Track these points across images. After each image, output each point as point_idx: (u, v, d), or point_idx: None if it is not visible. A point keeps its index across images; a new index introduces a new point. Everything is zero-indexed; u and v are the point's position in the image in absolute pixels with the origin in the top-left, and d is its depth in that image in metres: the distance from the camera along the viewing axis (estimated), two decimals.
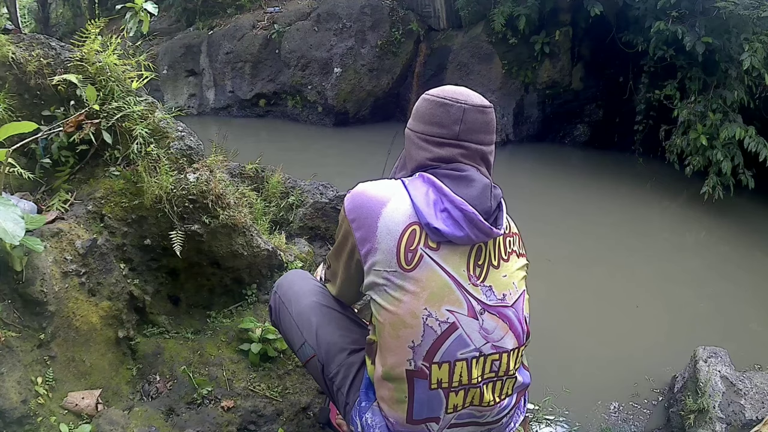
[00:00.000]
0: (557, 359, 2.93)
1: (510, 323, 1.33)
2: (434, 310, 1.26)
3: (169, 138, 2.03)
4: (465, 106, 1.34)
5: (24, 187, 1.91)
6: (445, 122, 1.34)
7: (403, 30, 7.42)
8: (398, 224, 1.26)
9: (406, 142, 1.44)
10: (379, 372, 1.32)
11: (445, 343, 1.27)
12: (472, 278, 1.28)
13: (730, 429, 2.36)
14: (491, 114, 1.38)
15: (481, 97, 1.40)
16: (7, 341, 1.53)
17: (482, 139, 1.36)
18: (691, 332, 3.36)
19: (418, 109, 1.41)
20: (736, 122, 4.95)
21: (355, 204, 1.32)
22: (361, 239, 1.30)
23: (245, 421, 1.82)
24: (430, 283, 1.26)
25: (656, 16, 5.31)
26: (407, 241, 1.25)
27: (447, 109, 1.34)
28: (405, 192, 1.30)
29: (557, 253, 4.16)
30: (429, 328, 1.26)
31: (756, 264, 4.34)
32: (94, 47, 1.93)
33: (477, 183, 1.29)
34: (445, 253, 1.26)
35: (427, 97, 1.40)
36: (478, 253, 1.30)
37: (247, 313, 2.15)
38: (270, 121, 7.85)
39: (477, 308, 1.28)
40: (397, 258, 1.26)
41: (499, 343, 1.31)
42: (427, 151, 1.36)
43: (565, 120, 7.02)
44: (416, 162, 1.38)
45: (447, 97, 1.36)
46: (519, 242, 1.42)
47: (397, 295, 1.27)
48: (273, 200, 2.84)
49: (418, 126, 1.39)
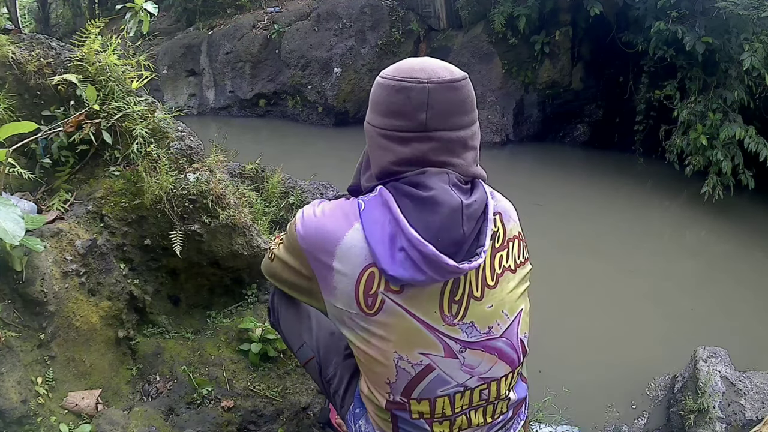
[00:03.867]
0: (557, 359, 2.93)
1: (499, 353, 1.17)
2: (405, 354, 1.12)
3: (169, 138, 2.03)
4: (429, 86, 1.06)
5: (24, 187, 1.91)
6: (406, 110, 1.07)
7: (403, 30, 7.42)
8: (354, 266, 1.09)
9: (368, 140, 1.18)
10: (365, 391, 1.26)
11: (422, 383, 1.15)
12: (447, 318, 1.11)
13: (730, 429, 2.36)
14: (466, 87, 1.11)
15: (450, 67, 1.12)
16: (7, 341, 1.53)
17: (458, 122, 1.10)
18: (691, 332, 3.36)
19: (374, 98, 1.14)
20: (736, 122, 4.95)
21: (308, 233, 1.15)
22: (318, 274, 1.15)
23: (245, 421, 1.82)
24: (397, 328, 1.10)
25: (656, 16, 5.31)
26: (365, 285, 1.09)
27: (406, 93, 1.07)
28: (360, 226, 1.09)
29: (557, 253, 4.16)
30: (402, 370, 1.13)
31: (756, 264, 4.34)
32: (94, 47, 1.93)
33: (443, 206, 1.05)
34: (410, 296, 1.09)
35: (381, 81, 1.12)
36: (454, 287, 1.11)
37: (247, 313, 2.15)
38: (270, 121, 7.85)
39: (456, 348, 1.13)
40: (356, 302, 1.10)
41: (487, 374, 1.18)
42: (389, 151, 1.11)
43: (565, 120, 7.02)
44: (379, 167, 1.14)
45: (404, 77, 1.08)
46: (518, 248, 1.21)
47: (364, 336, 1.14)
48: (273, 200, 2.84)
49: (376, 119, 1.13)
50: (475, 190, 1.13)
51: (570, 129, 7.07)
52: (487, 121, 6.67)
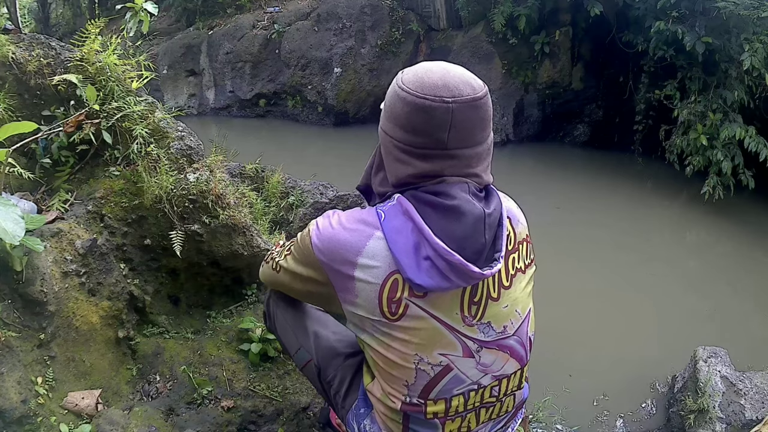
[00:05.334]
0: (557, 359, 2.93)
1: (511, 351, 1.22)
2: (425, 356, 1.15)
3: (169, 138, 2.03)
4: (453, 106, 1.06)
5: (24, 187, 1.91)
6: (429, 130, 1.07)
7: (403, 30, 7.42)
8: (377, 276, 1.10)
9: (383, 147, 1.18)
10: (378, 394, 1.27)
11: (440, 383, 1.18)
12: (467, 319, 1.15)
13: (730, 429, 2.36)
14: (486, 103, 1.11)
15: (472, 80, 1.11)
16: (7, 341, 1.53)
17: (477, 139, 1.12)
18: (691, 332, 3.36)
19: (394, 110, 1.12)
20: (736, 122, 4.95)
21: (325, 245, 1.15)
22: (336, 284, 1.15)
23: (245, 421, 1.82)
24: (419, 331, 1.13)
25: (656, 16, 5.30)
26: (389, 292, 1.10)
27: (430, 113, 1.06)
28: (382, 235, 1.10)
29: (557, 253, 4.15)
30: (421, 371, 1.17)
31: (756, 264, 4.34)
32: (94, 47, 1.93)
33: (467, 216, 1.08)
34: (432, 300, 1.11)
35: (402, 95, 1.10)
36: (474, 289, 1.14)
37: (247, 313, 2.15)
38: (270, 121, 7.85)
39: (473, 347, 1.17)
40: (380, 308, 1.12)
41: (499, 372, 1.22)
42: (409, 165, 1.11)
43: (565, 120, 7.02)
44: (396, 177, 1.15)
45: (428, 94, 1.06)
46: (527, 250, 1.25)
47: (384, 340, 1.16)
48: (273, 200, 2.85)
49: (396, 132, 1.12)
50: (490, 198, 1.17)
51: (570, 129, 7.07)
52: None
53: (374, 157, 1.28)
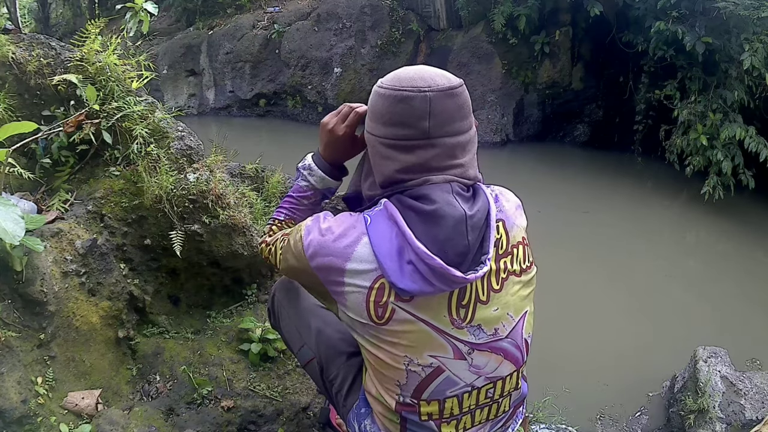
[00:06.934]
0: (557, 359, 2.93)
1: (505, 353, 1.21)
2: (415, 357, 1.15)
3: (169, 138, 2.03)
4: (430, 94, 1.09)
5: (24, 187, 1.91)
6: (410, 120, 1.10)
7: (403, 30, 7.41)
8: (364, 281, 1.12)
9: (370, 150, 1.21)
10: (373, 392, 1.28)
11: (432, 384, 1.18)
12: (455, 322, 1.14)
13: (730, 429, 2.36)
14: (463, 93, 1.14)
15: (446, 74, 1.14)
16: (7, 341, 1.53)
17: (457, 128, 1.13)
18: (691, 332, 3.36)
19: (375, 109, 1.15)
20: (736, 122, 4.95)
21: (316, 253, 1.16)
22: (329, 287, 1.17)
23: (245, 421, 1.82)
24: (408, 334, 1.13)
25: (656, 16, 5.31)
26: (376, 297, 1.12)
27: (408, 102, 1.09)
28: (368, 240, 1.12)
29: (557, 253, 4.16)
30: (412, 372, 1.17)
31: (756, 264, 4.34)
32: (94, 47, 1.93)
33: (447, 219, 1.08)
34: (419, 303, 1.12)
35: (381, 91, 1.14)
36: (461, 293, 1.14)
37: (247, 313, 2.15)
38: (270, 121, 7.85)
39: (464, 350, 1.16)
40: (367, 312, 1.13)
41: (493, 374, 1.21)
42: (394, 160, 1.13)
43: (565, 120, 7.02)
44: (383, 175, 1.16)
45: (405, 86, 1.10)
46: (523, 253, 1.22)
47: (374, 341, 1.17)
48: (273, 200, 2.84)
49: (378, 129, 1.15)
50: (477, 197, 1.15)
51: (570, 129, 7.07)
52: (487, 121, 6.67)
53: (361, 165, 1.31)
